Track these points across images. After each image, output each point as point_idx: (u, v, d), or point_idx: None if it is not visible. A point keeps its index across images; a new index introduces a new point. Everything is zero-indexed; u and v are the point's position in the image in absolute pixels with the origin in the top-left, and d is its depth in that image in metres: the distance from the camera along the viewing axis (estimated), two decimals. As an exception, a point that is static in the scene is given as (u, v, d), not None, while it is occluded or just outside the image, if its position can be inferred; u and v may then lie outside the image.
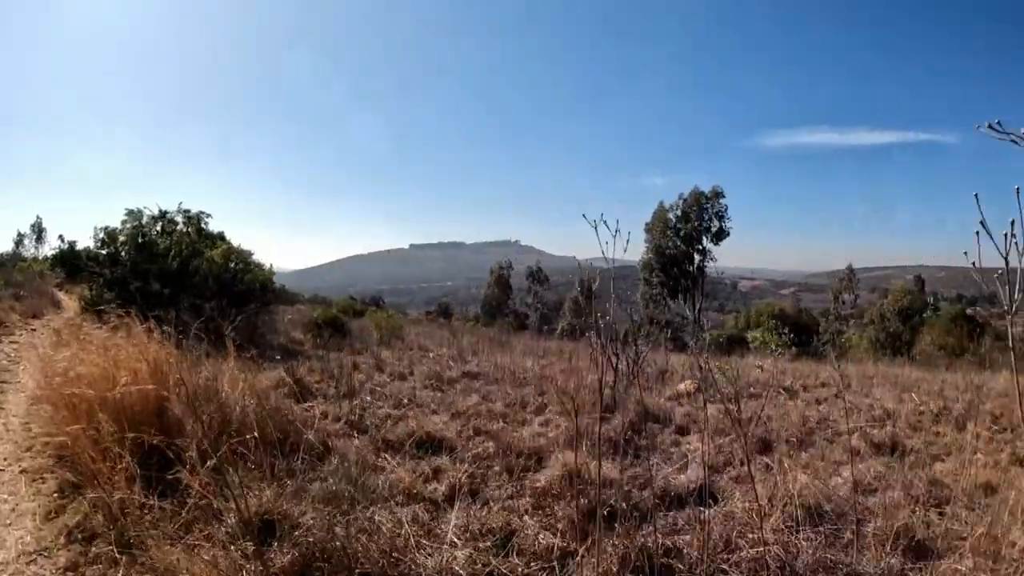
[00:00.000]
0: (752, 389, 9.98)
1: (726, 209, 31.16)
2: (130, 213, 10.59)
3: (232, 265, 11.21)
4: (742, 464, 4.72)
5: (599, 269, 3.38)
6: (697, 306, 33.20)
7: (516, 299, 58.52)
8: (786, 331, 20.30)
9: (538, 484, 3.50)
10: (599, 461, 2.85)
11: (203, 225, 11.13)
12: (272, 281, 11.86)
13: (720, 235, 31.51)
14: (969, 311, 39.49)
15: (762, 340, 29.53)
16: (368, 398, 5.95)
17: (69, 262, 24.82)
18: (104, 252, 10.77)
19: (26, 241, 40.76)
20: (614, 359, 6.58)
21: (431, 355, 13.52)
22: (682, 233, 31.29)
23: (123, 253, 10.60)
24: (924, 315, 33.82)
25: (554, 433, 4.96)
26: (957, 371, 14.19)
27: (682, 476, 3.93)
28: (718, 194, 30.76)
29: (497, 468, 3.88)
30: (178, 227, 11.15)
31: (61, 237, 32.23)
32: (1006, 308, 2.21)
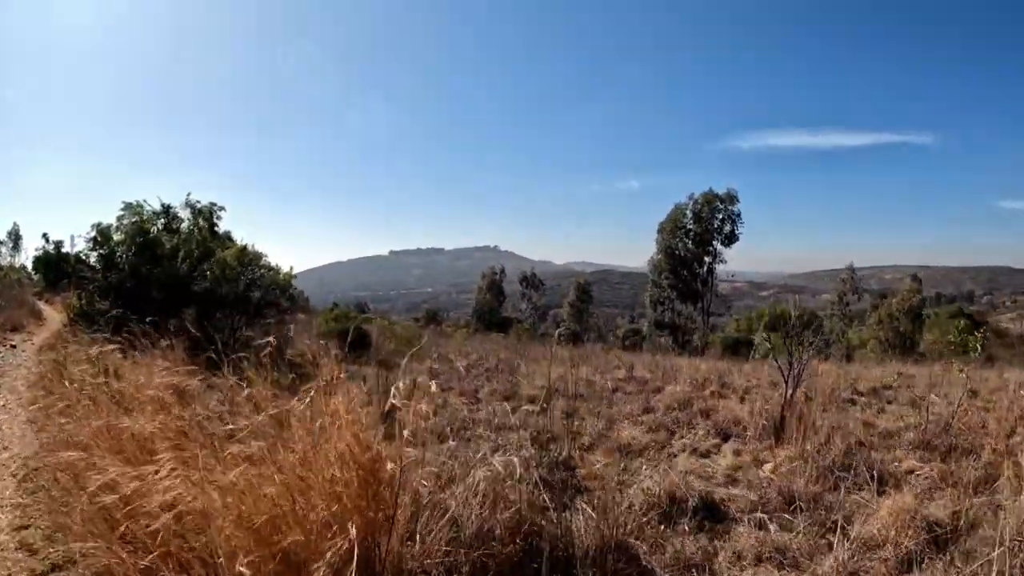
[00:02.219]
0: (843, 393, 8.93)
1: (739, 214, 30.51)
2: (128, 207, 8.99)
3: (248, 269, 9.66)
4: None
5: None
6: (707, 309, 32.36)
7: (508, 305, 57.31)
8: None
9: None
10: None
11: (216, 220, 9.52)
12: (292, 286, 10.32)
13: (731, 238, 30.76)
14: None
15: (771, 343, 28.77)
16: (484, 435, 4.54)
17: (55, 266, 22.29)
18: (96, 253, 9.16)
19: (2, 249, 38.00)
20: (785, 370, 5.34)
21: (460, 366, 12.17)
22: (692, 235, 30.44)
23: (120, 254, 9.01)
24: (924, 313, 33.69)
25: (768, 465, 3.76)
26: (987, 368, 13.50)
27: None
28: (732, 197, 30.05)
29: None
30: (183, 224, 9.57)
31: (46, 236, 27.23)
32: None
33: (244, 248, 9.45)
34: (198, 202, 9.43)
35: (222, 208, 9.50)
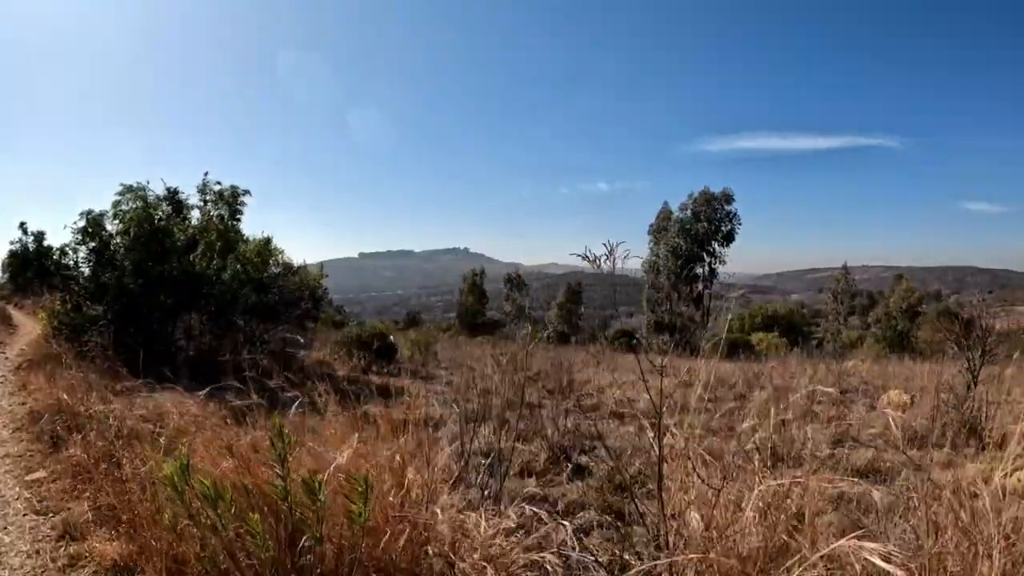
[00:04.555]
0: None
1: (735, 214, 30.08)
2: (128, 189, 7.36)
3: (269, 267, 8.15)
4: None
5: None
6: (707, 309, 31.71)
7: (491, 306, 56.15)
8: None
9: None
10: None
11: (239, 207, 7.90)
12: (322, 287, 8.80)
13: (729, 238, 30.27)
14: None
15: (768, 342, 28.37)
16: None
17: (33, 263, 18.97)
18: (86, 247, 7.52)
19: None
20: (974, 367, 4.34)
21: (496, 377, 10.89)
22: (692, 234, 29.82)
23: (116, 247, 7.39)
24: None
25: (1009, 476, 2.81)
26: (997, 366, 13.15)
27: None
28: (728, 197, 29.57)
29: None
30: (193, 211, 7.99)
31: (23, 226, 22.15)
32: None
33: (268, 241, 7.93)
34: (218, 184, 7.78)
35: (247, 192, 7.87)
